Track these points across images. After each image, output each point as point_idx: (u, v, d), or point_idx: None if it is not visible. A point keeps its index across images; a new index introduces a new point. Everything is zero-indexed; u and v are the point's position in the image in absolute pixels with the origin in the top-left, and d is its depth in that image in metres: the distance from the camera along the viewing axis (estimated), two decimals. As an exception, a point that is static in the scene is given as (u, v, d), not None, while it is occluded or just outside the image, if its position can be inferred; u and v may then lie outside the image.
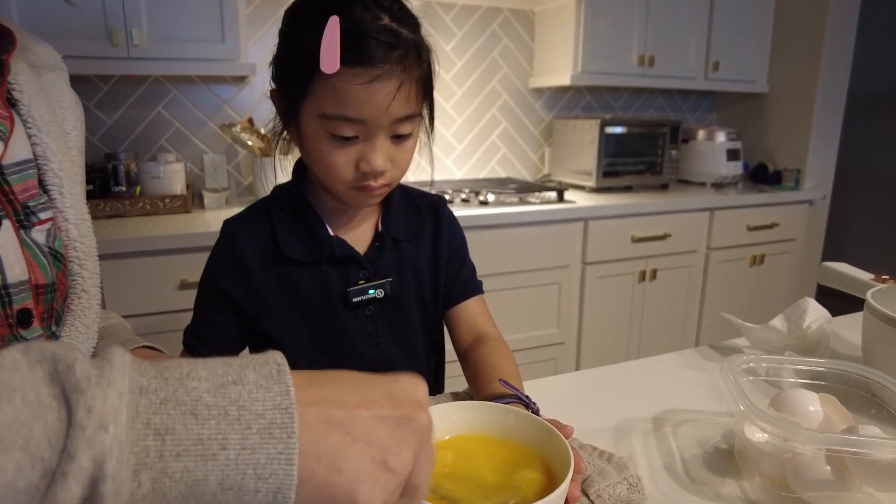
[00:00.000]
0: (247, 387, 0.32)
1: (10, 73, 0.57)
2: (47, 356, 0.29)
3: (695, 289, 2.53)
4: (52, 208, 0.59)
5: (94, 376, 0.29)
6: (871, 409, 0.66)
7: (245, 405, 0.31)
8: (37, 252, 0.56)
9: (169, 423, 0.29)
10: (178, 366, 0.32)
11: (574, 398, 0.83)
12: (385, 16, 0.67)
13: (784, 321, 0.95)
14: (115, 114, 2.08)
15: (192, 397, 0.31)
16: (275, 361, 0.34)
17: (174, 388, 0.31)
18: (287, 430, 0.31)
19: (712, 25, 2.61)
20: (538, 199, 2.20)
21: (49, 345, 0.30)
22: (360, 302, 0.80)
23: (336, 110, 0.67)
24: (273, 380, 0.33)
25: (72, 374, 0.29)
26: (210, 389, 0.31)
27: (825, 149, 2.75)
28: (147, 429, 0.29)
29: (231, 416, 0.31)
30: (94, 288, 0.63)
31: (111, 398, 0.28)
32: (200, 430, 0.30)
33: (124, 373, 0.30)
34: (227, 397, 0.31)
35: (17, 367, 0.28)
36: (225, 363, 0.33)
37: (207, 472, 0.30)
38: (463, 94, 2.58)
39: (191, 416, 0.30)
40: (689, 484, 0.63)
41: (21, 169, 0.56)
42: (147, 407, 0.29)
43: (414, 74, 0.69)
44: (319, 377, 0.36)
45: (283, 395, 0.32)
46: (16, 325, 0.53)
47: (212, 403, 0.31)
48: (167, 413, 0.30)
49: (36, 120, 0.58)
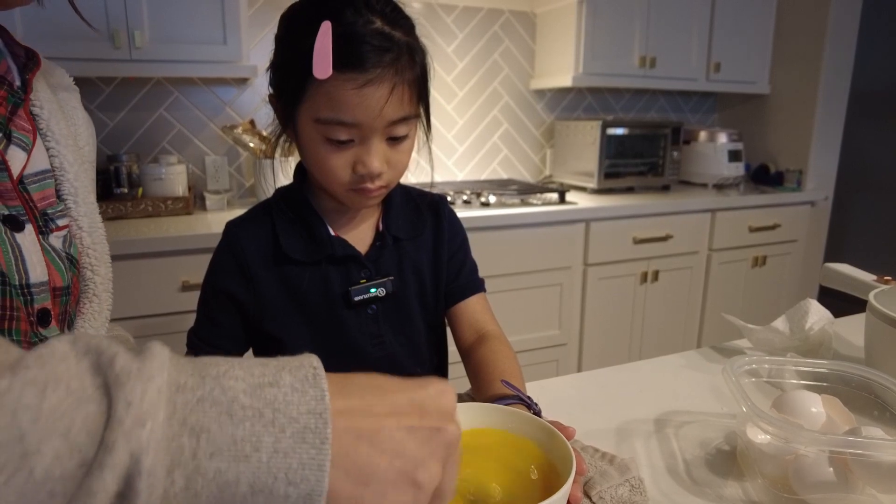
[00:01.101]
0: (282, 389, 0.32)
1: (32, 92, 0.60)
2: (92, 348, 0.30)
3: (696, 290, 2.52)
4: (67, 216, 0.62)
5: (134, 370, 0.29)
6: (873, 410, 0.66)
7: (280, 408, 0.31)
8: (54, 256, 0.58)
9: (205, 423, 0.29)
10: (215, 363, 0.32)
11: (576, 400, 0.83)
12: (377, 19, 0.67)
13: (786, 322, 0.95)
14: (117, 116, 2.09)
15: (229, 397, 0.31)
16: (311, 365, 0.34)
17: (211, 387, 0.31)
18: (320, 436, 0.31)
19: (713, 26, 2.61)
20: (540, 201, 2.20)
21: (93, 338, 0.31)
22: (361, 301, 0.80)
23: (330, 115, 0.67)
24: (309, 383, 0.33)
25: (113, 366, 0.29)
26: (246, 390, 0.31)
27: (827, 150, 2.75)
28: (183, 427, 0.29)
29: (266, 418, 0.31)
30: (105, 293, 0.65)
31: (150, 393, 0.29)
32: (235, 431, 0.30)
33: (163, 368, 0.30)
34: (262, 399, 0.31)
35: (66, 357, 0.29)
36: (261, 363, 0.33)
37: (239, 474, 0.30)
38: (464, 96, 2.58)
39: (226, 416, 0.30)
40: (692, 485, 0.63)
41: (40, 178, 0.59)
42: (184, 405, 0.30)
43: (407, 76, 0.69)
44: (348, 383, 0.36)
45: (318, 399, 0.32)
46: (36, 324, 0.55)
47: (247, 404, 0.31)
48: (203, 412, 0.30)
49: (54, 133, 0.61)
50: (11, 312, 0.52)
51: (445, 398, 0.38)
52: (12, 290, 0.52)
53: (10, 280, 0.52)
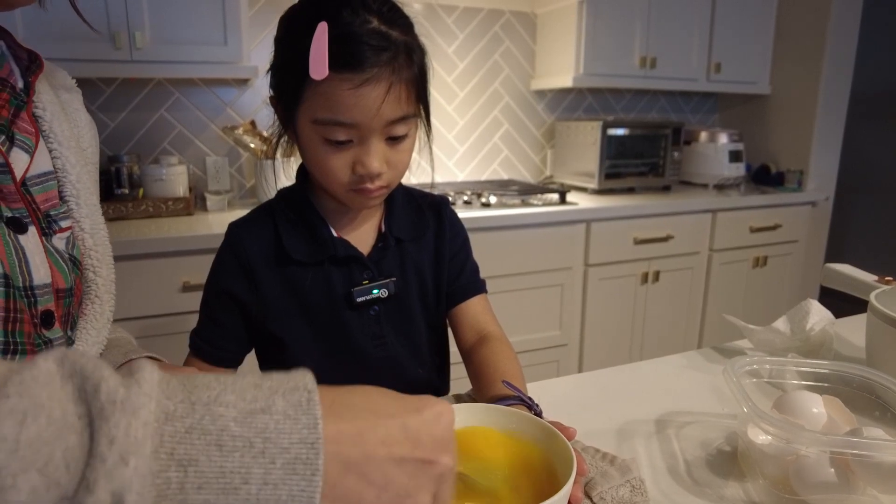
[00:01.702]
0: (274, 416, 0.31)
1: (35, 94, 0.60)
2: (78, 370, 0.29)
3: (697, 290, 2.52)
4: (70, 218, 0.62)
5: (119, 399, 0.28)
6: (874, 410, 0.66)
7: (271, 437, 0.31)
8: (58, 258, 0.58)
9: (193, 454, 0.29)
10: (206, 386, 0.32)
11: (577, 400, 0.83)
12: (374, 18, 0.67)
13: (787, 323, 0.95)
14: (118, 116, 2.09)
15: (218, 426, 0.30)
16: (305, 388, 0.33)
17: (200, 415, 0.30)
18: (311, 467, 0.31)
19: (714, 27, 2.61)
20: (540, 201, 2.20)
21: (81, 358, 0.30)
22: (364, 302, 0.80)
23: (328, 115, 0.68)
24: (302, 409, 0.32)
25: (98, 395, 0.28)
26: (237, 418, 0.31)
27: (828, 150, 2.75)
28: (170, 459, 0.29)
29: (256, 448, 0.30)
30: (107, 295, 0.65)
31: (134, 428, 0.28)
32: (224, 463, 0.29)
33: (151, 396, 0.29)
34: (253, 427, 0.31)
35: (50, 381, 0.28)
36: (255, 385, 0.33)
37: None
38: (465, 97, 2.58)
39: (215, 448, 0.30)
40: (692, 486, 0.63)
41: (43, 180, 0.59)
42: (172, 435, 0.29)
43: (404, 76, 0.69)
44: (341, 404, 0.35)
45: (311, 428, 0.31)
46: (40, 325, 0.55)
47: (237, 434, 0.30)
48: (191, 443, 0.29)
49: (57, 135, 0.61)
50: (15, 314, 0.52)
51: (441, 424, 0.37)
52: (16, 293, 0.52)
53: (13, 282, 0.52)
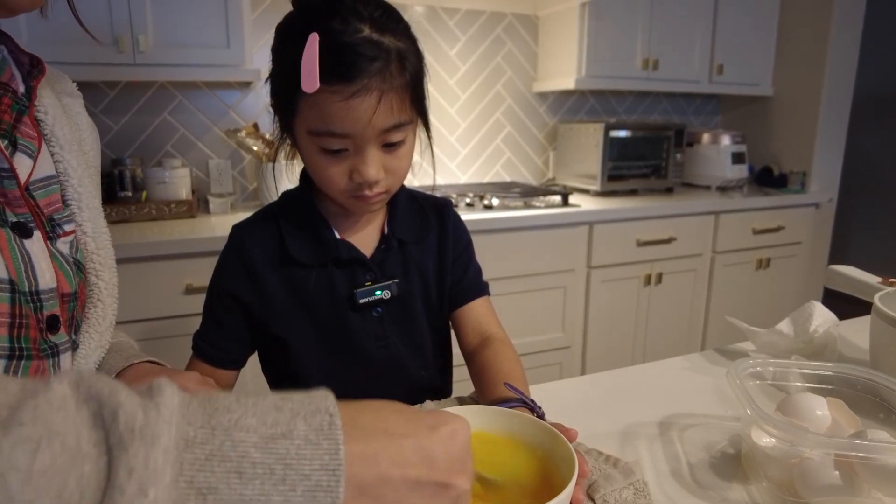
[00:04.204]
0: (295, 441, 0.31)
1: (37, 98, 0.60)
2: (94, 395, 0.29)
3: (700, 292, 2.52)
4: (73, 221, 0.62)
5: (138, 427, 0.28)
6: (879, 413, 0.66)
7: (292, 464, 0.30)
8: (62, 262, 0.58)
9: (212, 482, 0.29)
10: (227, 409, 0.31)
11: (580, 402, 0.83)
12: (365, 26, 0.66)
13: (790, 325, 0.94)
14: (121, 119, 2.09)
15: (239, 452, 0.30)
16: (327, 410, 0.33)
17: (221, 441, 0.30)
18: (332, 494, 0.31)
19: (716, 28, 2.61)
20: (543, 203, 2.20)
21: (98, 381, 0.29)
22: (367, 303, 0.80)
23: (321, 126, 0.68)
24: (323, 434, 0.32)
25: (116, 424, 0.28)
26: (258, 444, 0.30)
27: (831, 151, 2.74)
28: (190, 488, 0.28)
29: (277, 475, 0.30)
30: (109, 298, 0.65)
31: (153, 457, 0.28)
32: (244, 491, 0.29)
33: (171, 423, 0.29)
34: (274, 453, 0.30)
35: (64, 405, 0.28)
36: (276, 407, 0.32)
37: None
38: (467, 99, 2.59)
39: (235, 476, 0.29)
40: (696, 489, 0.63)
41: (46, 184, 0.59)
42: (192, 463, 0.29)
43: (396, 83, 0.68)
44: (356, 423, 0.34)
45: (332, 454, 0.31)
46: (46, 330, 0.55)
47: (258, 461, 0.30)
48: (211, 471, 0.29)
49: (59, 139, 0.61)
50: (21, 320, 0.52)
51: (457, 442, 0.37)
52: (21, 298, 0.52)
53: (19, 287, 0.52)
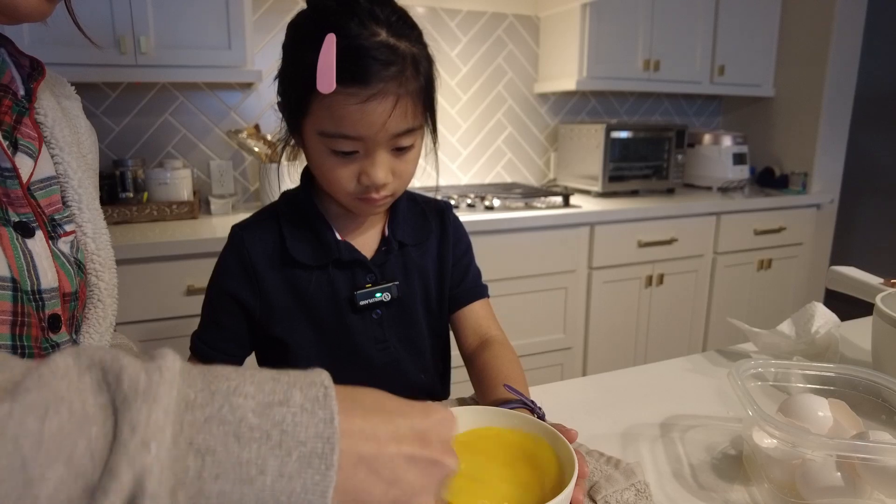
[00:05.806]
0: (292, 409, 0.32)
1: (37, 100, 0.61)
2: (96, 362, 0.30)
3: (702, 293, 2.52)
4: (73, 222, 0.62)
5: (141, 388, 0.29)
6: (881, 414, 0.66)
7: (288, 430, 0.31)
8: (64, 262, 0.59)
9: (211, 444, 0.30)
10: (226, 377, 0.32)
11: (581, 404, 0.82)
12: (382, 30, 0.66)
13: (792, 326, 0.94)
14: (123, 121, 2.10)
15: (237, 417, 0.31)
16: (322, 383, 0.34)
17: (220, 405, 0.31)
18: (326, 462, 0.31)
19: (718, 29, 2.61)
20: (544, 204, 2.20)
21: (97, 351, 0.30)
22: (367, 305, 0.80)
23: (333, 129, 0.67)
24: (319, 404, 0.32)
25: (120, 383, 0.29)
26: (255, 409, 0.31)
27: (832, 152, 2.74)
28: (189, 447, 0.29)
29: (273, 440, 0.31)
30: (109, 299, 0.65)
31: (155, 415, 0.28)
32: (241, 453, 0.30)
33: (173, 384, 0.30)
34: (271, 419, 0.31)
35: (67, 373, 0.29)
36: (273, 378, 0.33)
37: (243, 496, 0.30)
38: (468, 100, 2.59)
39: (233, 438, 0.30)
40: (698, 490, 0.63)
41: (46, 185, 0.60)
42: (191, 424, 0.30)
43: (411, 88, 0.68)
44: (354, 402, 0.35)
45: (327, 422, 0.32)
46: (47, 329, 0.55)
47: (255, 425, 0.31)
48: (210, 432, 0.30)
49: (59, 141, 0.61)
50: (23, 318, 0.52)
51: (448, 427, 0.38)
52: (24, 297, 0.52)
53: (21, 286, 0.52)
